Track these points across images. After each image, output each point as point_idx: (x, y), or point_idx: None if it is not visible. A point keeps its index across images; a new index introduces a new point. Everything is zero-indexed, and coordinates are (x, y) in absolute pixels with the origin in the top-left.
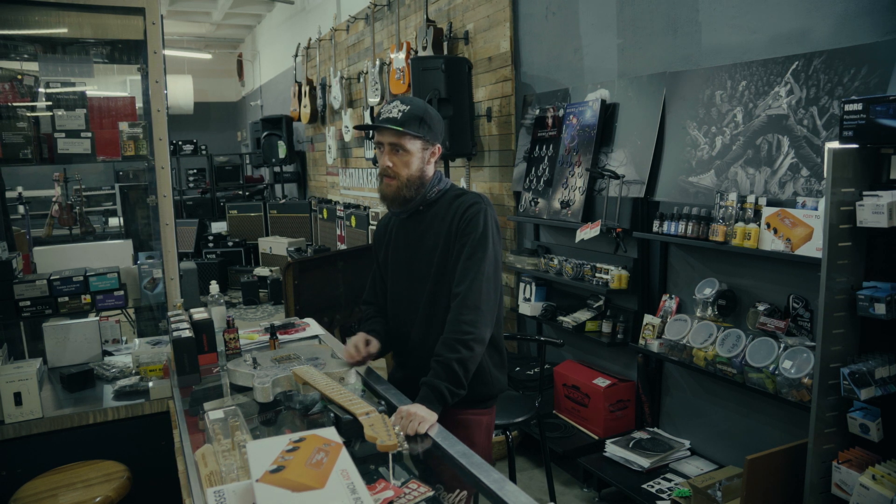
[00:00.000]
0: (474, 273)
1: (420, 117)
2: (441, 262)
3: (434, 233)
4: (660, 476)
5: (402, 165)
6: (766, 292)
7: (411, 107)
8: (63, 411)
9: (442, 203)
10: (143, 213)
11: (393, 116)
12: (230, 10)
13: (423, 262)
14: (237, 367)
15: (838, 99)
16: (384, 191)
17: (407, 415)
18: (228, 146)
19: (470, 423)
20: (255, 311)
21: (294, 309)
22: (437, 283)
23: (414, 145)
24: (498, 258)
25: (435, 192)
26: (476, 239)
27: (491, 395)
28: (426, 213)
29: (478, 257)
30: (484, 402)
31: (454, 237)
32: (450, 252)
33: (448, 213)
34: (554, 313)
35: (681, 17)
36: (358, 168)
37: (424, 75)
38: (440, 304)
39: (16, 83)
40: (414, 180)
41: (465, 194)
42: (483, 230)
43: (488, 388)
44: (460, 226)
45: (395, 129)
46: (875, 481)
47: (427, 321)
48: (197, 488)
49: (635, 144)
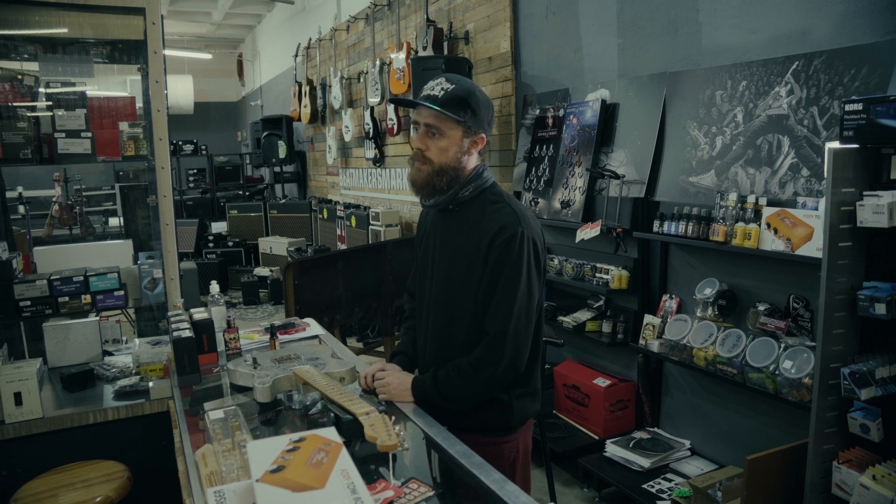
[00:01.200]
0: (505, 311)
1: (464, 99)
2: (461, 282)
3: (460, 243)
4: (660, 476)
5: (436, 150)
6: (766, 292)
7: (456, 87)
8: (63, 411)
9: (475, 205)
10: (144, 213)
11: (434, 94)
12: (230, 10)
13: (444, 276)
14: (237, 367)
15: (838, 99)
16: (414, 176)
17: (381, 380)
18: (228, 146)
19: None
20: (255, 311)
21: (294, 309)
22: (453, 302)
23: (454, 130)
24: (532, 288)
25: (470, 189)
26: (509, 270)
27: (508, 426)
28: (458, 213)
29: (510, 291)
30: (500, 431)
31: (482, 257)
32: (471, 274)
33: (481, 222)
34: (554, 313)
35: (681, 17)
36: (358, 168)
37: (425, 75)
38: (455, 324)
39: (16, 83)
40: (448, 169)
41: (500, 203)
42: (517, 258)
43: (504, 418)
44: (491, 252)
45: (433, 107)
46: (875, 481)
47: (439, 341)
48: (197, 488)
49: (635, 144)
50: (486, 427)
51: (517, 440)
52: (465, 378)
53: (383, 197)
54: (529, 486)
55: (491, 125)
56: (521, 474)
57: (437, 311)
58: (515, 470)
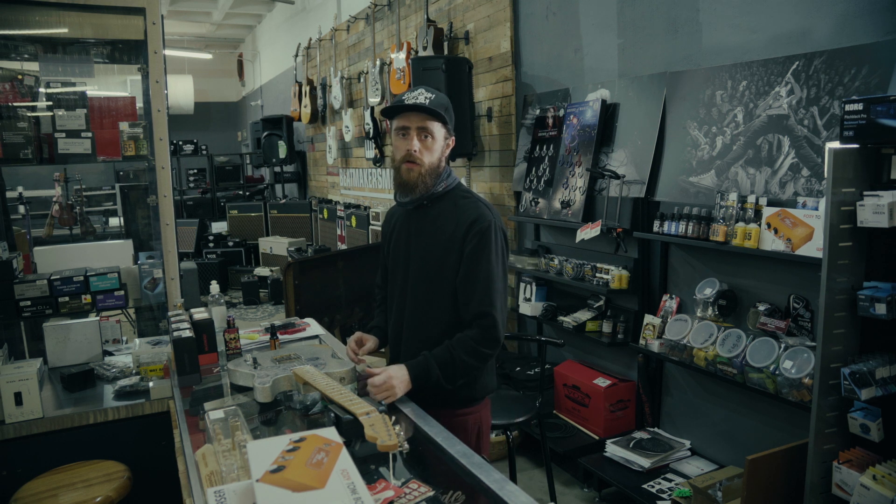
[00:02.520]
0: (490, 292)
1: (446, 106)
2: (438, 265)
3: (435, 233)
4: (660, 476)
5: (426, 151)
6: (766, 292)
7: (437, 95)
8: (63, 411)
9: (447, 201)
10: (144, 213)
11: (422, 102)
12: (230, 10)
13: (420, 261)
14: (237, 367)
15: (839, 99)
16: (405, 177)
17: (382, 385)
18: (229, 146)
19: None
20: (255, 311)
21: (294, 309)
22: (431, 284)
23: (440, 132)
24: (505, 272)
25: (442, 187)
26: (486, 257)
27: (471, 398)
28: (431, 208)
29: (490, 275)
30: (464, 403)
31: (458, 245)
32: (448, 258)
33: (453, 215)
34: (554, 313)
35: (681, 17)
36: (358, 168)
37: (425, 75)
38: (433, 304)
39: (16, 83)
40: (433, 169)
41: (470, 198)
42: (492, 246)
43: (469, 392)
44: (468, 240)
45: (429, 111)
46: (876, 481)
47: (418, 319)
48: (197, 488)
49: (636, 144)
50: (454, 400)
51: (479, 412)
52: (474, 356)
53: (383, 197)
54: (488, 453)
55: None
56: (484, 444)
57: (414, 296)
58: (480, 440)
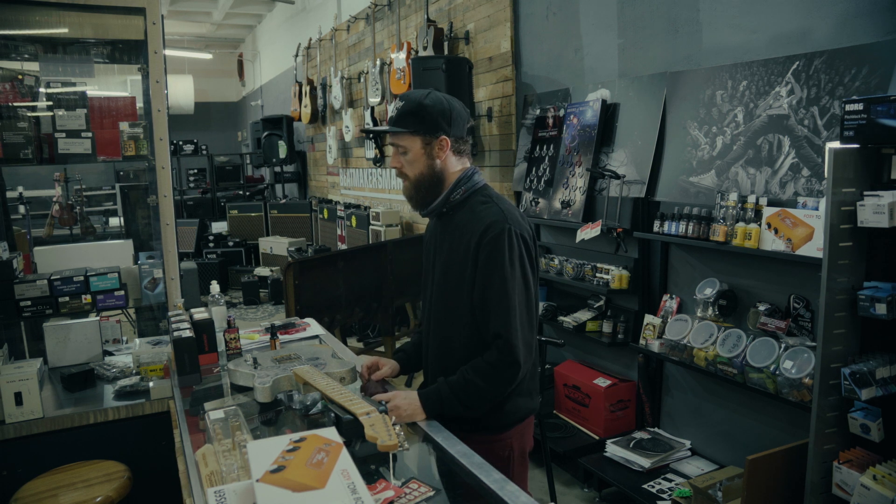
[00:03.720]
0: (506, 310)
1: (412, 111)
2: (457, 279)
3: (453, 243)
4: (660, 476)
5: (407, 165)
6: (766, 292)
7: (405, 102)
8: (63, 411)
9: (466, 207)
10: (144, 213)
11: (391, 116)
12: (230, 10)
13: (441, 275)
14: (238, 367)
15: (839, 99)
16: (404, 192)
17: (392, 406)
18: (229, 146)
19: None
20: (255, 311)
21: (294, 309)
22: (450, 299)
23: (412, 142)
24: (528, 282)
25: (461, 191)
26: (501, 268)
27: (499, 424)
28: (453, 216)
29: (506, 289)
30: (490, 430)
31: (472, 257)
32: (464, 270)
33: (470, 223)
34: (554, 313)
35: (681, 17)
36: (358, 168)
37: (425, 75)
38: (453, 321)
39: (16, 83)
40: (424, 179)
41: (489, 202)
42: (507, 255)
43: (494, 416)
44: (481, 250)
45: (387, 129)
46: (876, 481)
47: (440, 337)
48: (197, 488)
49: (636, 144)
50: (477, 426)
51: (510, 439)
52: (489, 380)
53: (384, 197)
54: (526, 486)
55: (454, 124)
56: (516, 474)
57: (436, 315)
58: (509, 469)
